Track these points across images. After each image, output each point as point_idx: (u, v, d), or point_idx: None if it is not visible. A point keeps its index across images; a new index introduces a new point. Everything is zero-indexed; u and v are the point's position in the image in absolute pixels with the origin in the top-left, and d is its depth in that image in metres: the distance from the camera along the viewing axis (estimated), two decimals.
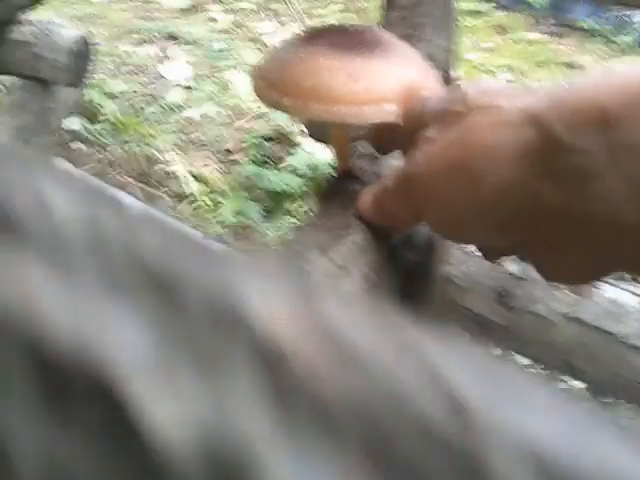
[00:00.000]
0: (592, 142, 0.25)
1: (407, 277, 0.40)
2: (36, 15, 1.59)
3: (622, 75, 0.26)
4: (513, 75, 2.46)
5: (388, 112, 0.38)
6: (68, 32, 1.47)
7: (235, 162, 1.76)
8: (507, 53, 2.61)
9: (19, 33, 1.49)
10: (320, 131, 1.16)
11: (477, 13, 2.82)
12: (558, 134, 0.26)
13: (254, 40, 2.45)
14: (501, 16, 2.85)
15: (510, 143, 0.27)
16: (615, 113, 0.25)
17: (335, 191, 0.46)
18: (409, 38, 0.68)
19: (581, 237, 0.27)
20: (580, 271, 0.30)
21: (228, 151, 1.80)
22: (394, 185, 0.35)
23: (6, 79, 1.84)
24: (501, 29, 2.80)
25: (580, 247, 0.28)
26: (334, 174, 0.47)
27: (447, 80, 0.65)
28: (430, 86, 0.41)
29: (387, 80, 0.39)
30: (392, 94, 0.39)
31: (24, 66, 1.51)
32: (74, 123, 1.76)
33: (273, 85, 0.41)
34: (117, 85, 1.99)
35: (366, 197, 0.38)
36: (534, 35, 2.79)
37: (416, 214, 0.34)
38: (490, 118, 0.28)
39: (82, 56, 1.49)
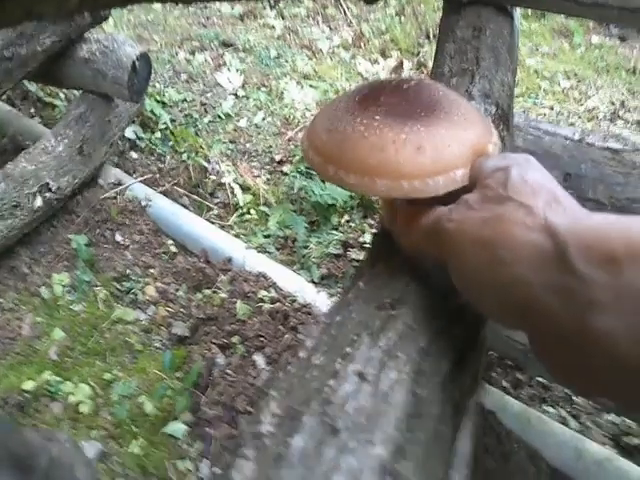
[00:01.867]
0: (600, 278, 0.28)
1: (457, 356, 0.40)
2: (100, 30, 1.69)
3: (634, 226, 0.28)
4: (573, 82, 2.37)
5: (456, 180, 0.38)
6: (130, 50, 1.54)
7: (283, 173, 1.81)
8: (567, 58, 2.51)
9: (84, 50, 1.58)
10: None
11: (536, 16, 2.72)
12: (572, 260, 0.29)
13: (307, 47, 2.48)
14: (561, 19, 2.74)
15: (531, 247, 0.31)
16: (623, 258, 0.27)
17: (384, 252, 0.45)
18: (464, 73, 0.68)
19: (575, 353, 0.29)
20: (576, 383, 0.32)
21: (277, 162, 1.85)
22: (427, 226, 0.38)
23: (70, 93, 1.96)
24: (562, 32, 2.70)
25: (574, 361, 0.30)
26: (382, 231, 0.47)
27: (505, 118, 0.64)
28: (492, 145, 0.41)
29: (453, 147, 0.39)
30: (460, 160, 0.39)
31: (87, 82, 1.61)
32: (131, 133, 1.85)
33: (334, 161, 0.40)
34: (174, 94, 2.07)
35: (401, 221, 0.42)
36: (597, 39, 2.68)
37: (439, 258, 0.37)
38: (522, 216, 0.32)
39: (142, 73, 1.56)
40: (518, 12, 0.87)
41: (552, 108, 2.21)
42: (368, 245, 1.49)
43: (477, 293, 0.35)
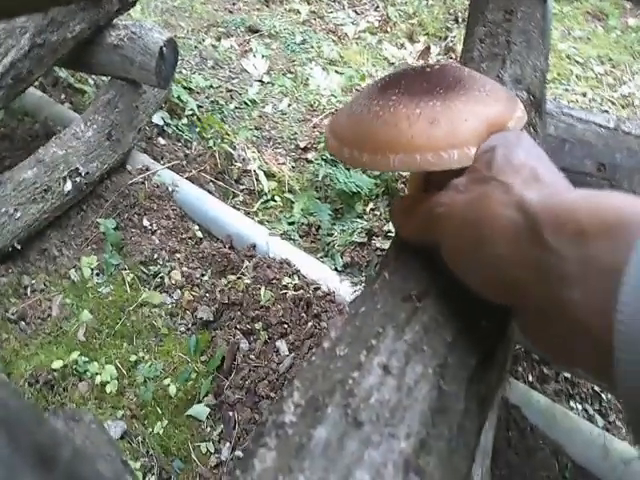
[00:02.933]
0: (569, 251, 0.28)
1: (484, 350, 0.39)
2: (128, 17, 1.70)
3: (603, 200, 0.29)
4: (607, 67, 2.30)
5: (470, 156, 0.37)
6: (157, 36, 1.55)
7: (308, 161, 1.80)
8: (601, 42, 2.43)
9: (112, 37, 1.59)
10: None
11: None
12: (543, 234, 0.29)
13: (333, 32, 2.45)
14: (595, 1, 2.65)
15: (507, 224, 0.32)
16: (589, 231, 0.27)
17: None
18: (495, 58, 0.66)
19: (554, 326, 0.30)
20: (557, 355, 0.33)
21: (302, 149, 1.84)
22: (421, 214, 0.39)
23: (99, 79, 1.98)
24: (595, 15, 2.61)
25: (553, 334, 0.30)
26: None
27: (537, 105, 0.62)
28: (514, 120, 0.40)
29: (471, 122, 0.38)
30: (475, 135, 0.38)
31: (115, 68, 1.62)
32: (159, 119, 1.87)
33: (349, 143, 0.40)
34: (200, 81, 2.08)
35: (398, 211, 0.43)
36: (634, 21, 2.58)
37: (434, 242, 0.38)
38: (500, 194, 0.33)
39: (169, 59, 1.57)
40: None
41: (584, 94, 2.15)
42: (393, 234, 1.48)
43: (465, 272, 0.36)
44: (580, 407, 1.19)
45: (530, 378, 1.22)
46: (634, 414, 0.25)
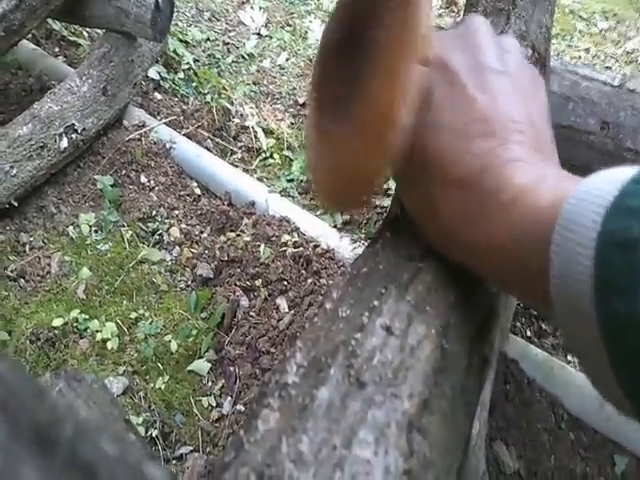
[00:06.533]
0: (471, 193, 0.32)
1: (486, 310, 0.39)
2: None
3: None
4: (611, 23, 2.23)
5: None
6: None
7: (307, 117, 1.77)
8: None
9: None
10: None
11: None
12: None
13: None
14: None
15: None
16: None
17: None
18: (499, 13, 0.64)
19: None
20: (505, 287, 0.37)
21: (301, 105, 1.80)
22: None
23: (93, 32, 1.92)
24: None
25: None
26: None
27: (542, 61, 0.61)
28: None
29: None
30: None
31: (110, 20, 1.57)
32: (155, 73, 1.82)
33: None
34: (197, 33, 2.01)
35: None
36: None
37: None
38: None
39: (165, 11, 1.52)
40: None
41: (588, 50, 2.10)
42: (393, 192, 1.47)
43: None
44: (576, 360, 1.21)
45: (528, 333, 1.24)
46: (568, 330, 0.27)
